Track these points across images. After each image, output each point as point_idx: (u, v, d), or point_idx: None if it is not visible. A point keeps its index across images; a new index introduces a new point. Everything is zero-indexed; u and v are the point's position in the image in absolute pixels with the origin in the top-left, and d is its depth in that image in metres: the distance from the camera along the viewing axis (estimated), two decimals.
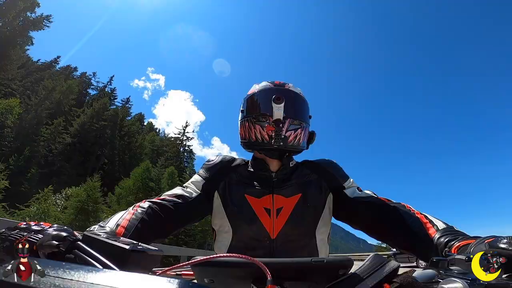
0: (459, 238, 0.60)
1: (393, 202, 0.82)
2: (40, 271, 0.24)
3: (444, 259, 0.43)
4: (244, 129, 0.95)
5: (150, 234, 0.78)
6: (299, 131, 0.92)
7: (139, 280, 0.25)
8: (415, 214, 0.75)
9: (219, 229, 0.94)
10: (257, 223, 0.86)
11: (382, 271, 0.38)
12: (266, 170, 0.94)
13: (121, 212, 0.78)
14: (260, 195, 0.90)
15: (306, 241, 0.89)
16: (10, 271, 0.24)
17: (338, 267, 0.41)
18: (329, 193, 0.94)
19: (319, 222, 0.90)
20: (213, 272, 0.45)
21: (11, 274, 0.24)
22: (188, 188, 0.93)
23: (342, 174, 0.97)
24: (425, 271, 0.41)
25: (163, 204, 0.83)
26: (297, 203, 0.89)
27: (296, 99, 0.94)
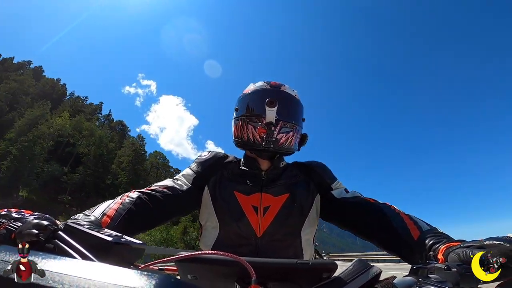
0: (443, 241, 0.61)
1: (379, 203, 0.83)
2: (40, 271, 0.24)
3: (424, 267, 0.43)
4: (237, 127, 0.95)
5: (138, 224, 0.77)
6: (291, 134, 0.92)
7: (119, 273, 0.25)
8: (400, 215, 0.76)
9: (206, 224, 0.94)
10: (244, 220, 0.87)
11: (365, 276, 0.39)
12: (256, 168, 0.95)
13: (108, 201, 0.76)
14: (249, 192, 0.90)
15: (291, 241, 0.90)
16: (10, 271, 0.24)
17: (322, 270, 0.42)
18: (317, 194, 0.95)
19: (305, 223, 0.91)
20: (197, 268, 0.45)
21: (11, 274, 0.24)
22: (179, 181, 0.93)
23: (330, 176, 0.99)
24: (405, 278, 0.42)
25: (153, 195, 0.82)
26: (285, 203, 0.89)
27: (290, 102, 0.94)
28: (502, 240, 0.47)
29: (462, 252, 0.50)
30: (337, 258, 17.08)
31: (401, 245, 0.71)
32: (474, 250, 0.48)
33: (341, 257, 18.24)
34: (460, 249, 0.51)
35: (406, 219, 0.74)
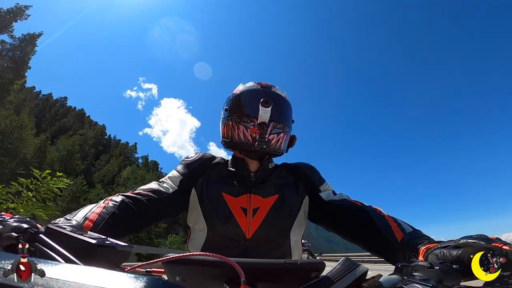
0: (425, 242, 0.63)
1: (365, 205, 0.85)
2: (40, 271, 0.24)
3: (408, 265, 0.45)
4: (227, 128, 0.94)
5: (122, 229, 0.75)
6: (281, 135, 0.93)
7: (104, 276, 0.24)
8: (385, 217, 0.78)
9: (194, 226, 0.92)
10: (232, 222, 0.86)
11: (352, 275, 0.40)
12: (245, 170, 0.94)
13: (91, 205, 0.74)
14: (238, 194, 0.89)
15: (280, 242, 0.90)
16: (10, 271, 0.24)
17: (310, 269, 0.42)
18: (306, 195, 0.96)
19: (294, 224, 0.91)
20: (186, 270, 0.44)
21: (11, 274, 0.23)
22: (165, 184, 0.91)
23: (319, 178, 0.99)
24: (390, 276, 0.43)
25: (137, 199, 0.80)
26: (274, 204, 0.89)
27: (282, 103, 0.95)
28: (476, 238, 0.49)
29: (440, 252, 0.53)
30: (337, 258, 17.12)
31: (385, 246, 0.73)
32: (451, 250, 0.51)
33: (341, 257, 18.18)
34: (438, 250, 0.54)
35: (390, 221, 0.76)
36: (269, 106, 0.81)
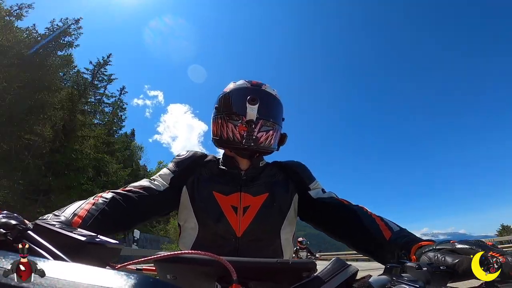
0: (414, 241, 0.64)
1: (352, 204, 0.86)
2: (40, 271, 0.23)
3: (397, 266, 0.46)
4: (217, 126, 0.94)
5: (112, 226, 0.74)
6: (270, 133, 0.93)
7: (94, 273, 0.24)
8: (372, 216, 0.79)
9: (184, 225, 0.92)
10: (223, 220, 0.86)
11: (342, 275, 0.40)
12: (235, 168, 0.94)
13: (80, 201, 0.73)
14: (228, 192, 0.89)
15: (271, 240, 0.90)
16: (10, 271, 0.23)
17: (302, 269, 0.43)
18: (296, 193, 0.96)
19: (284, 222, 0.92)
20: (177, 268, 0.44)
21: (11, 274, 0.23)
22: (156, 181, 0.90)
23: (309, 176, 1.00)
24: (380, 277, 0.44)
25: (127, 196, 0.80)
26: (264, 202, 0.90)
27: (271, 100, 0.95)
28: (473, 244, 0.50)
29: (434, 256, 0.52)
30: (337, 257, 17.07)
31: (374, 245, 0.74)
32: (446, 256, 0.50)
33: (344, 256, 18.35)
34: (432, 252, 0.54)
35: (378, 220, 0.77)
36: (256, 103, 0.82)
